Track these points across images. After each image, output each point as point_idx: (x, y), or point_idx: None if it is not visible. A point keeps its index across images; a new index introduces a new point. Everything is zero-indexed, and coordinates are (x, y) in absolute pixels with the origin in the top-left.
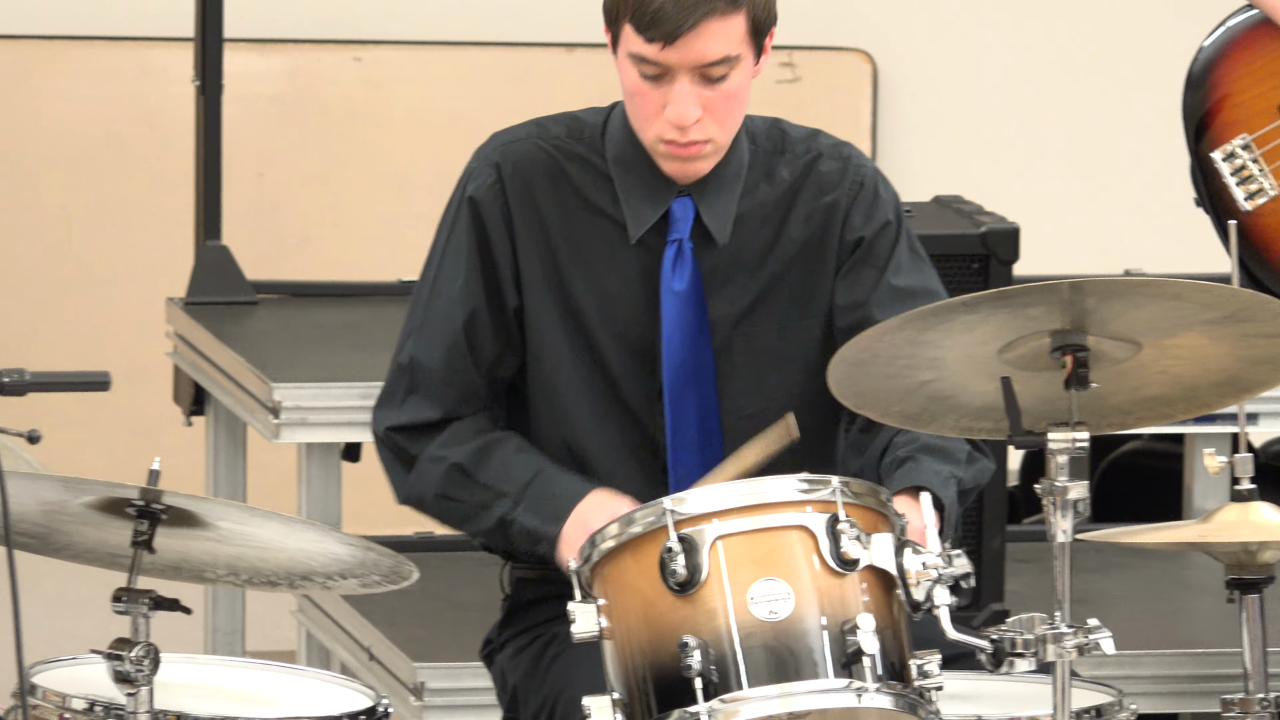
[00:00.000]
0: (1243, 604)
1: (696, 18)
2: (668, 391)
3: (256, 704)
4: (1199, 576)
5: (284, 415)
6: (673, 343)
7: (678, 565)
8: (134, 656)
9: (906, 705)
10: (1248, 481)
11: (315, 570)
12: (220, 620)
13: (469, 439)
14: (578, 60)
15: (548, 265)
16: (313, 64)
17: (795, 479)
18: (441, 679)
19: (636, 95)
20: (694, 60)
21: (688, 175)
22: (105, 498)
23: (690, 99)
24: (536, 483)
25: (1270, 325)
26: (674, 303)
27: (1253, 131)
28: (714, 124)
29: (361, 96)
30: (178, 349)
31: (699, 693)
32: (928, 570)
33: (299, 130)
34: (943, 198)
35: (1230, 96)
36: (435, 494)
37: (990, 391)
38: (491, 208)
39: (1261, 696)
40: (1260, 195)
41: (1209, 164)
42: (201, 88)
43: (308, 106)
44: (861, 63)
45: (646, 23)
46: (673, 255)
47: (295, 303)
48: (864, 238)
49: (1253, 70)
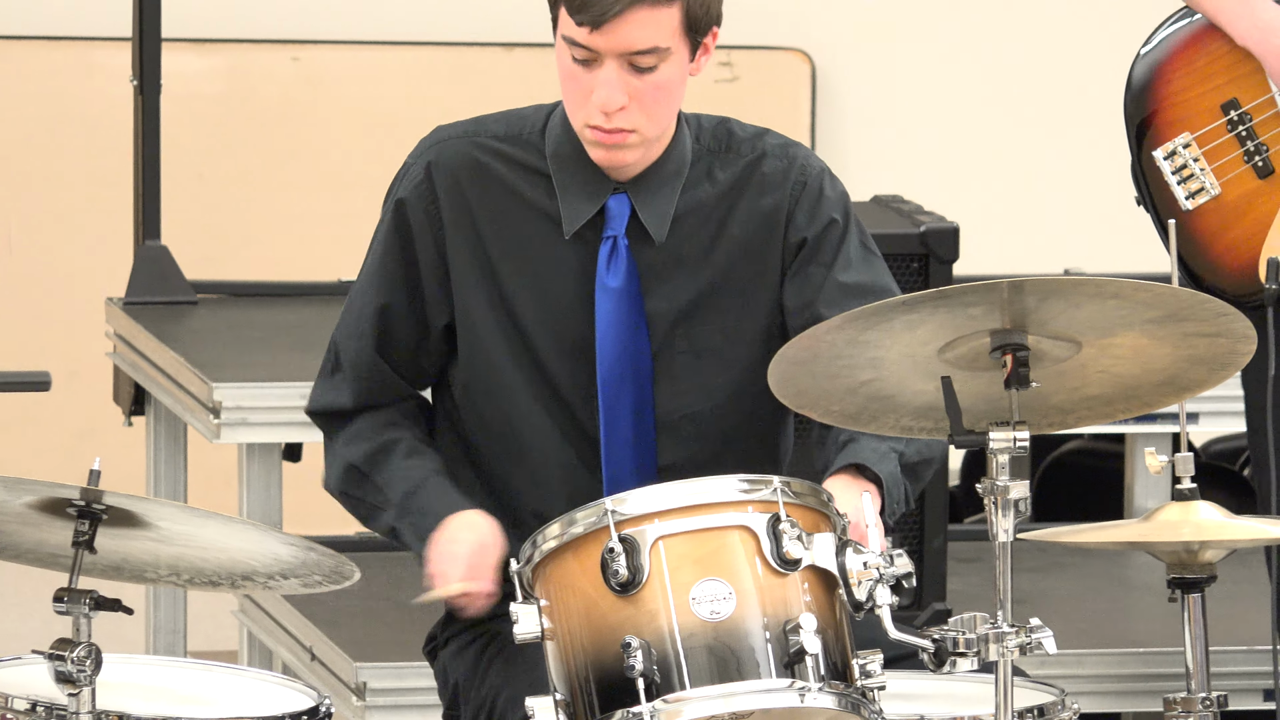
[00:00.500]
0: (1184, 603)
1: (625, 4)
2: (602, 388)
3: (198, 704)
4: (1140, 576)
5: (224, 415)
6: (607, 339)
7: (619, 565)
8: (76, 657)
9: (849, 705)
10: (1189, 481)
11: (257, 570)
12: (162, 620)
13: (369, 438)
14: (516, 60)
15: (481, 262)
16: (251, 64)
17: (736, 479)
18: (383, 679)
19: (568, 79)
20: (621, 47)
21: (614, 164)
22: (46, 498)
23: (616, 86)
24: (416, 496)
25: (1211, 325)
26: (608, 299)
27: (1194, 130)
28: (640, 114)
29: (300, 96)
30: (117, 349)
31: (641, 693)
32: (869, 570)
33: (238, 130)
34: (882, 197)
35: (1172, 96)
36: (338, 490)
37: (931, 391)
38: (417, 207)
39: (1204, 696)
40: (1201, 194)
41: (1150, 163)
42: (140, 87)
43: (247, 106)
44: (800, 62)
45: (577, 5)
46: (608, 252)
47: (235, 303)
48: (807, 238)
49: (1194, 70)
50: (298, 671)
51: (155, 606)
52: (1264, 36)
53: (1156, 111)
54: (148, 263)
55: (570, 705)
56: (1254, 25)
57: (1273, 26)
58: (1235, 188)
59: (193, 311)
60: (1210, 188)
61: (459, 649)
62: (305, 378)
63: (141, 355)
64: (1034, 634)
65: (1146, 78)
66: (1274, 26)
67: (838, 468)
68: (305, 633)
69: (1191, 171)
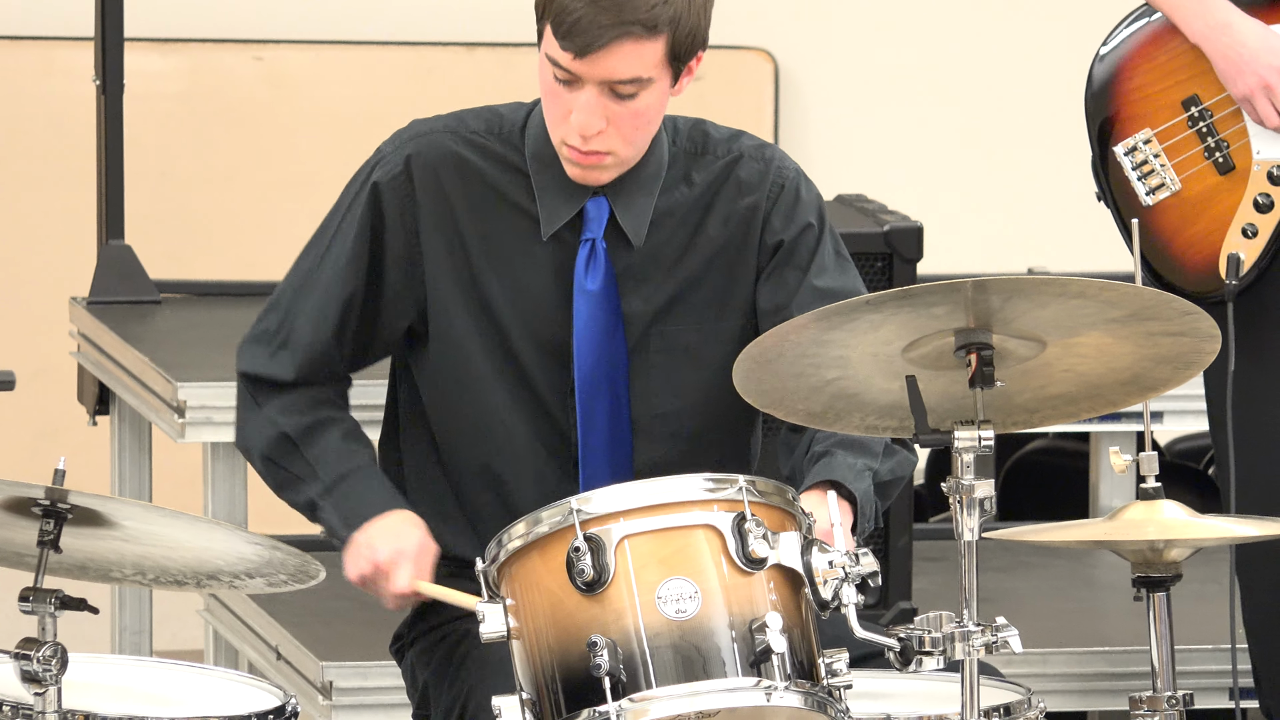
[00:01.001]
0: (1150, 602)
1: (610, 37)
2: (579, 390)
3: (165, 704)
4: (1106, 575)
5: (189, 415)
6: (584, 342)
7: (585, 565)
8: (41, 656)
9: (816, 704)
10: (1153, 480)
11: (222, 569)
12: (128, 620)
13: (305, 411)
14: (478, 59)
15: (458, 258)
16: (214, 63)
17: (701, 478)
18: (349, 678)
19: (549, 95)
20: (603, 75)
21: (588, 181)
22: (10, 497)
23: (595, 110)
24: (349, 480)
25: (1175, 324)
26: (586, 302)
27: (1155, 127)
28: (617, 138)
29: (263, 95)
30: (81, 348)
31: (608, 692)
32: (835, 569)
33: (201, 129)
34: (845, 196)
35: (1133, 92)
36: (261, 454)
37: (895, 390)
38: (392, 198)
39: (1170, 694)
40: (1162, 190)
41: (1111, 158)
42: (102, 87)
43: (209, 105)
44: (763, 62)
45: (563, 31)
46: (586, 255)
47: (199, 302)
48: (784, 241)
49: (1155, 66)
50: (264, 671)
51: (121, 606)
52: (1215, 35)
53: (1117, 108)
54: (111, 262)
55: (537, 704)
56: (1206, 24)
57: (1225, 25)
58: (1196, 184)
59: (157, 311)
60: (1171, 184)
61: (426, 648)
62: None
63: (106, 355)
64: (999, 633)
65: (1108, 74)
66: (1226, 25)
67: (812, 483)
68: (271, 632)
69: (1152, 167)
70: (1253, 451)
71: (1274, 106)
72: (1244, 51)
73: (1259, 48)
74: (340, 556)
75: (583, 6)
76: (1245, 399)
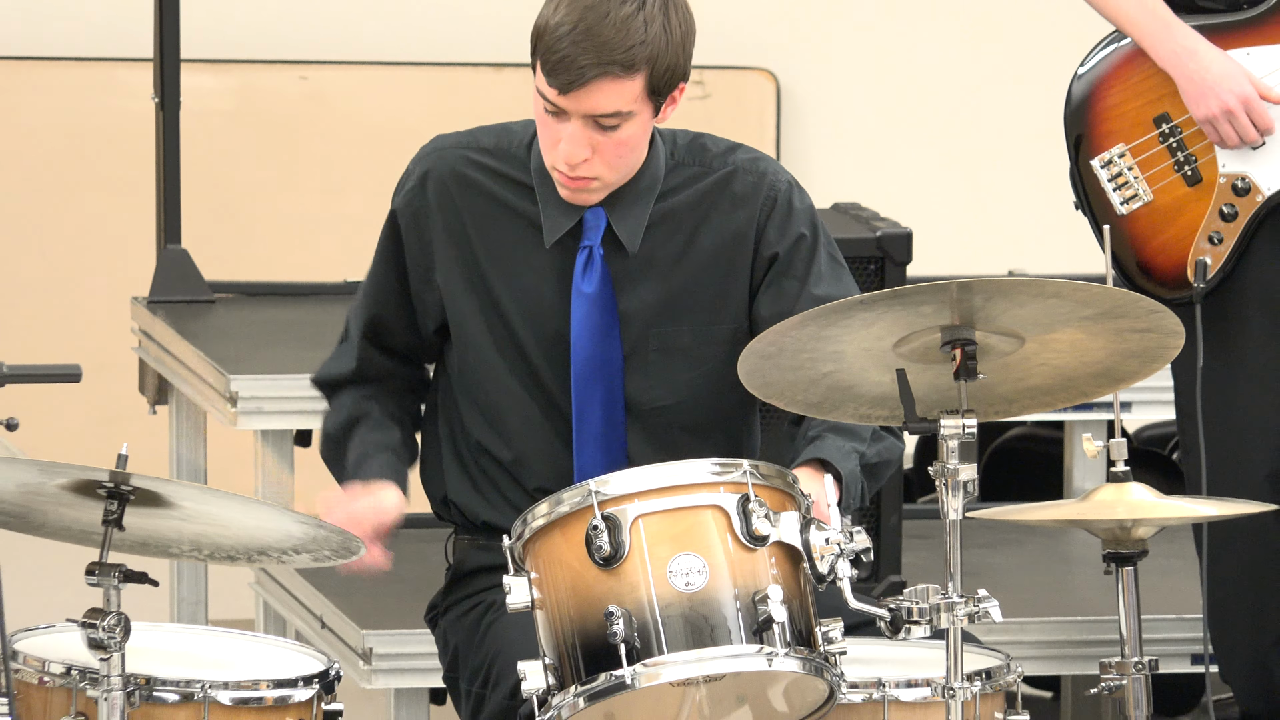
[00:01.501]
0: (1119, 576)
1: (591, 75)
2: (575, 384)
3: (219, 668)
4: (1079, 551)
5: (241, 405)
6: (581, 340)
7: (602, 541)
8: (107, 625)
9: (813, 668)
10: (1122, 464)
11: (271, 546)
12: (185, 591)
13: (346, 409)
14: (504, 78)
15: (469, 262)
16: (262, 82)
17: (709, 462)
18: (387, 645)
19: (541, 124)
20: (586, 110)
21: (578, 201)
22: (78, 480)
23: (580, 141)
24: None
25: (1142, 321)
26: (583, 304)
27: (1129, 142)
28: (602, 165)
29: (307, 111)
30: (142, 344)
31: (623, 657)
32: (831, 545)
33: (251, 142)
34: (841, 205)
35: (1108, 110)
36: (322, 452)
37: (886, 382)
38: (407, 214)
39: (1136, 660)
40: (1135, 200)
41: (1088, 171)
42: (161, 104)
43: (258, 121)
44: (766, 81)
45: (549, 68)
46: (583, 260)
47: (250, 301)
48: (779, 253)
49: (1129, 86)
50: (309, 638)
51: (179, 579)
52: (1180, 60)
53: (1094, 124)
54: (169, 265)
55: (558, 668)
56: (1172, 50)
57: (1189, 50)
58: (1166, 194)
59: (211, 309)
60: (1143, 194)
61: (458, 617)
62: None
63: (164, 350)
64: (981, 604)
65: (1085, 93)
66: (1190, 51)
67: (802, 460)
68: (315, 603)
69: (1126, 179)
70: (1220, 439)
71: (1233, 129)
72: (1208, 77)
73: (1221, 74)
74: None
75: (567, 46)
76: (1212, 392)
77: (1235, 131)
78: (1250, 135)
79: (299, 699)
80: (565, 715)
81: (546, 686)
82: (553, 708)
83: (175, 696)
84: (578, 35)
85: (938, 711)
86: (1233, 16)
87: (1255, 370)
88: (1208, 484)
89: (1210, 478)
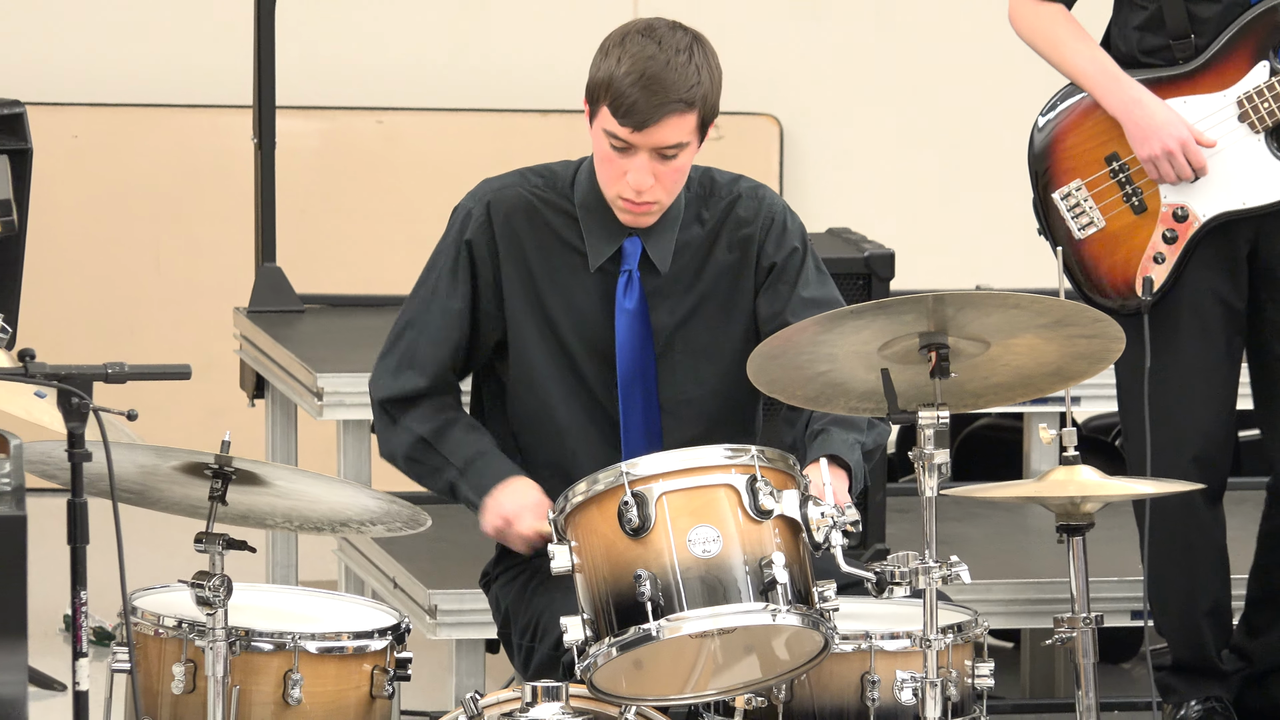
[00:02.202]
0: (1070, 544)
1: (661, 114)
2: (621, 384)
3: (308, 622)
4: (1035, 523)
5: (326, 398)
6: (625, 350)
7: (632, 515)
8: (212, 585)
9: (811, 623)
10: (1073, 449)
11: (351, 518)
12: (278, 556)
13: (433, 417)
14: (551, 123)
15: (527, 284)
16: (345, 125)
17: (722, 448)
18: (450, 602)
19: (605, 161)
20: (655, 144)
21: (638, 224)
22: (188, 463)
23: (646, 172)
24: (476, 462)
25: (1089, 328)
26: (625, 319)
27: (1084, 177)
28: (662, 190)
29: (382, 149)
30: (243, 347)
31: (649, 613)
32: (826, 518)
33: (334, 177)
34: (835, 229)
35: (1067, 150)
36: (404, 456)
37: (873, 380)
38: (481, 245)
39: (1085, 616)
40: (1090, 227)
41: (1050, 202)
42: (259, 144)
43: (341, 158)
44: (770, 125)
45: (622, 112)
46: (624, 282)
47: (334, 310)
48: (775, 263)
49: (1084, 130)
50: (384, 597)
51: (273, 546)
52: (1128, 109)
53: (1054, 163)
54: (266, 280)
55: (595, 623)
56: (1121, 100)
57: (1135, 100)
58: (1117, 221)
59: (301, 318)
60: (1098, 221)
61: (508, 580)
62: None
63: (261, 352)
64: (953, 568)
65: (1047, 137)
66: (1136, 100)
67: (815, 456)
68: (389, 566)
69: (1083, 209)
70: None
71: (1172, 168)
72: (1152, 123)
73: (1163, 121)
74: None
75: (637, 92)
76: (1151, 387)
77: (1173, 170)
78: (1186, 174)
79: (375, 648)
80: (600, 663)
81: (585, 638)
82: (590, 656)
83: (270, 646)
84: (647, 80)
85: (916, 659)
86: (1171, 71)
87: (1186, 369)
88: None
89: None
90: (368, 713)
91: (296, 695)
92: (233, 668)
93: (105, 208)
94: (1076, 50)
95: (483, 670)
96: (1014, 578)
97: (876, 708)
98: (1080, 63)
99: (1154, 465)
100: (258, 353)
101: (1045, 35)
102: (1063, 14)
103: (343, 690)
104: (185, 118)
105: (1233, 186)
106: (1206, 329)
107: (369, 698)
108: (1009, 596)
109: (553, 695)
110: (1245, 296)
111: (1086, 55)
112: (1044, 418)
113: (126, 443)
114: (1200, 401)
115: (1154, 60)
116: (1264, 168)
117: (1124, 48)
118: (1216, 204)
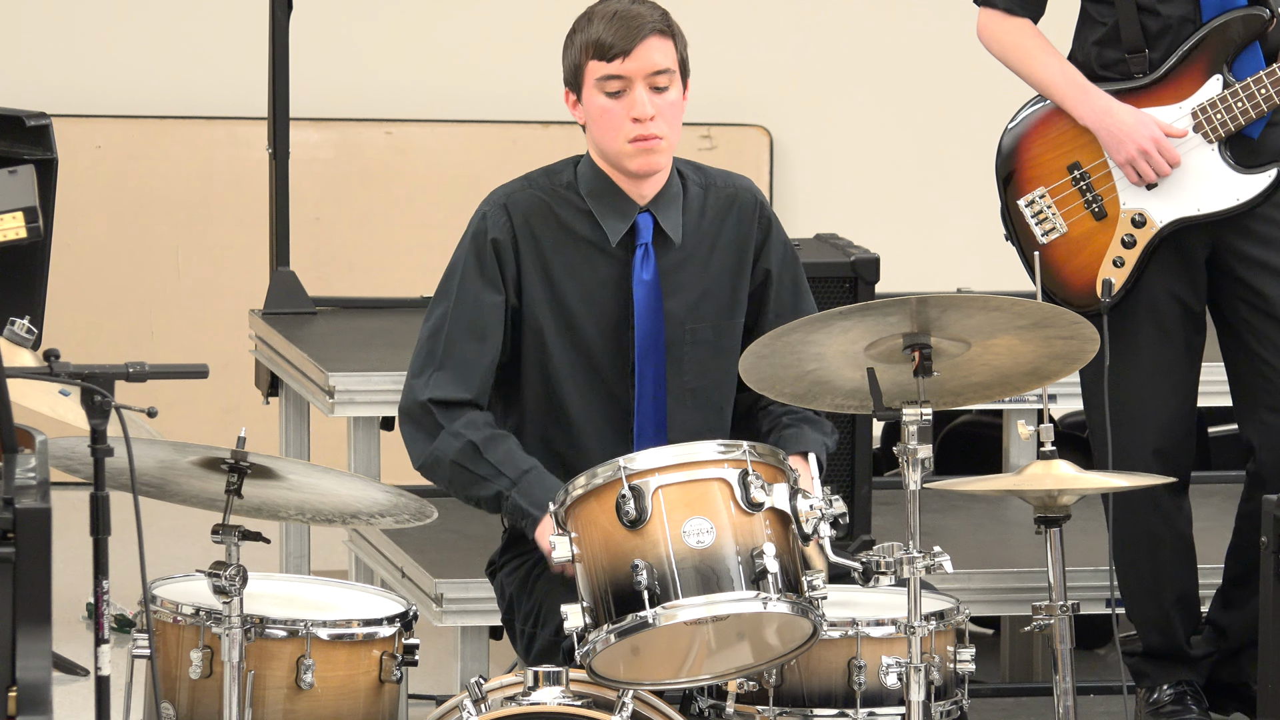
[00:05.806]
0: (1047, 535)
1: (642, 36)
2: (638, 357)
3: (319, 609)
4: (1014, 515)
5: (337, 396)
6: (642, 321)
7: (629, 507)
8: (228, 575)
9: (800, 610)
10: (1050, 445)
11: (361, 510)
12: (292, 547)
13: (483, 428)
14: (552, 133)
15: (543, 276)
16: (355, 136)
17: (715, 444)
18: (455, 591)
19: (604, 115)
20: (646, 68)
21: (650, 169)
22: (206, 457)
23: (646, 100)
24: (532, 474)
25: (1066, 330)
26: (642, 290)
27: (1048, 185)
28: (664, 124)
29: (392, 159)
30: (258, 347)
31: (646, 601)
32: (814, 511)
33: (345, 185)
34: (822, 235)
35: (1031, 159)
36: (452, 461)
37: (859, 378)
38: (505, 245)
39: (1061, 603)
40: (1053, 232)
41: (1015, 209)
42: (273, 154)
43: (351, 167)
44: (761, 135)
45: (607, 49)
46: (641, 255)
47: (345, 313)
48: (770, 270)
49: (1048, 140)
50: (392, 585)
51: (286, 537)
52: (1099, 119)
53: (1019, 170)
54: (280, 283)
55: (594, 610)
56: (1091, 109)
57: (1105, 109)
58: (1079, 227)
59: (313, 320)
60: (1060, 227)
61: (512, 570)
62: (396, 368)
63: (275, 352)
64: (936, 558)
65: (1012, 146)
66: (1105, 109)
67: (794, 451)
68: (397, 556)
69: (1046, 215)
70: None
71: (1149, 166)
72: (1124, 127)
73: (1134, 123)
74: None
75: (615, 27)
76: (1112, 386)
77: (1151, 168)
78: (1164, 169)
79: (383, 635)
80: (599, 648)
81: (584, 625)
82: (589, 642)
83: (283, 633)
84: (621, 18)
85: (900, 645)
86: (1128, 84)
87: (1145, 368)
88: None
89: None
90: (377, 696)
91: (309, 680)
92: (248, 653)
93: (127, 215)
94: (1045, 63)
95: (487, 656)
96: (994, 567)
97: (863, 691)
98: (1050, 75)
99: (1116, 459)
100: (272, 353)
101: (1015, 49)
102: (1030, 28)
103: (353, 675)
104: (203, 129)
105: (1189, 194)
106: (1165, 329)
107: (378, 682)
108: (989, 585)
109: (554, 680)
110: (1203, 298)
111: (1055, 68)
112: (1022, 414)
113: (147, 439)
114: (1160, 398)
115: (1111, 74)
116: (1218, 176)
117: (1083, 60)
118: (1173, 210)
